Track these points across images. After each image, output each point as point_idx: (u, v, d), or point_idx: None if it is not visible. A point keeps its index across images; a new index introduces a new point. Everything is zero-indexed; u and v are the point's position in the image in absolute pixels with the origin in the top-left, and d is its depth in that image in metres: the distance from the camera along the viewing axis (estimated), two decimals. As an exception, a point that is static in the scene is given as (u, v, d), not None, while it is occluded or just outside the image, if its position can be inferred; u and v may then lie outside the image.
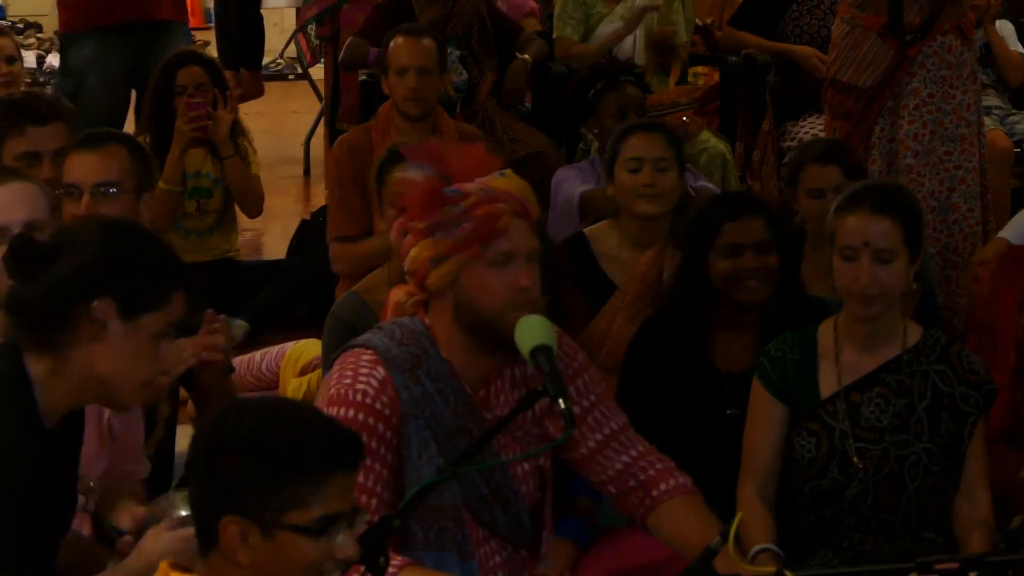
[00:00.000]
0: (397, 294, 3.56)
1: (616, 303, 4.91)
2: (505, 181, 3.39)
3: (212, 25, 10.83)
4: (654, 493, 3.56)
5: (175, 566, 2.67)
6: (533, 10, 7.95)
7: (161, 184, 6.46)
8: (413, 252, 3.37)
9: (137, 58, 7.15)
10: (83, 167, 4.28)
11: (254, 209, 6.82)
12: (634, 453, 3.58)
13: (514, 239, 3.35)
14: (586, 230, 5.25)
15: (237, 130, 6.74)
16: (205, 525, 2.57)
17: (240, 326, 6.53)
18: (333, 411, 3.33)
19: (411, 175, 3.38)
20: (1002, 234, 5.28)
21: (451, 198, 3.33)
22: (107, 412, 3.75)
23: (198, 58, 6.73)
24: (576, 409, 3.53)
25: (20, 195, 3.73)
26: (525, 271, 3.36)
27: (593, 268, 5.08)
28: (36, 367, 3.02)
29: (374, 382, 3.36)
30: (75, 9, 7.21)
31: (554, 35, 7.28)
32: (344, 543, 2.57)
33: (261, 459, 2.53)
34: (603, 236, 5.17)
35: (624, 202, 5.09)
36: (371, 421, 3.32)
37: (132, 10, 7.13)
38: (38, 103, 4.83)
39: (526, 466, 3.52)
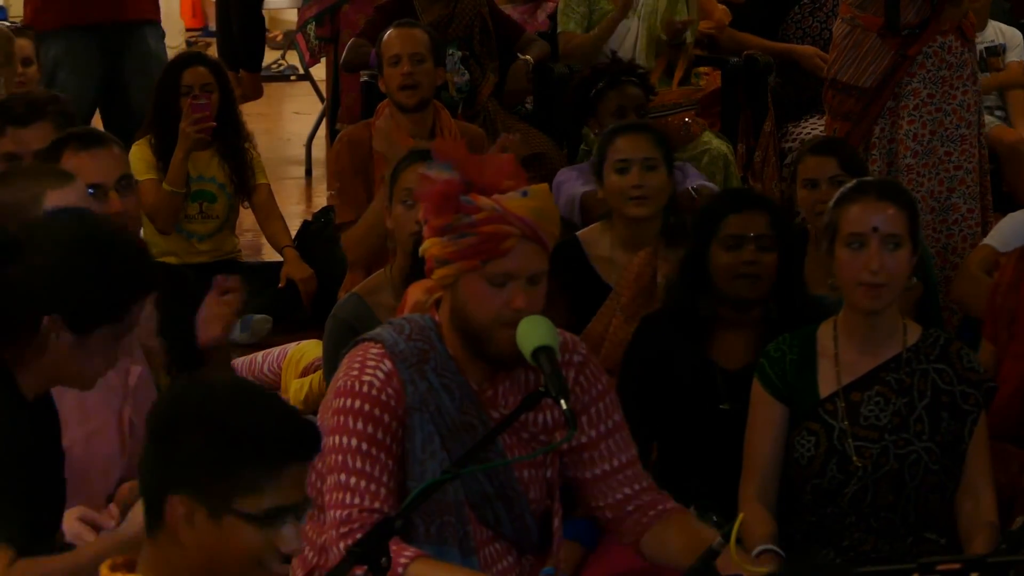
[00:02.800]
0: (416, 293, 3.58)
1: (612, 305, 4.92)
2: (523, 203, 3.36)
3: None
4: (651, 513, 3.57)
5: (116, 567, 2.66)
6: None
7: (165, 186, 6.46)
8: (427, 243, 3.40)
9: (108, 57, 7.11)
10: (101, 166, 4.18)
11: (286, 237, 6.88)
12: (637, 487, 3.59)
13: (516, 261, 3.35)
14: (579, 233, 5.25)
15: (243, 135, 6.74)
16: (154, 500, 2.55)
17: (264, 320, 6.54)
18: (340, 402, 3.37)
19: (434, 172, 3.39)
20: (987, 241, 5.27)
21: (463, 207, 3.34)
22: (128, 411, 3.76)
23: (204, 59, 6.72)
24: (593, 433, 3.56)
25: (85, 193, 3.76)
26: (522, 293, 3.36)
27: (587, 271, 5.09)
28: (5, 354, 3.04)
29: (380, 374, 3.39)
30: (45, 8, 7.18)
31: (558, 29, 7.28)
32: (289, 536, 2.54)
33: (222, 440, 2.50)
34: (596, 238, 5.17)
35: (614, 204, 5.09)
36: (377, 412, 3.36)
37: (103, 10, 7.10)
38: (17, 103, 4.83)
39: (531, 472, 3.53)
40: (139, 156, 6.53)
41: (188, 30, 13.65)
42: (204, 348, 4.20)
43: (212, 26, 13.25)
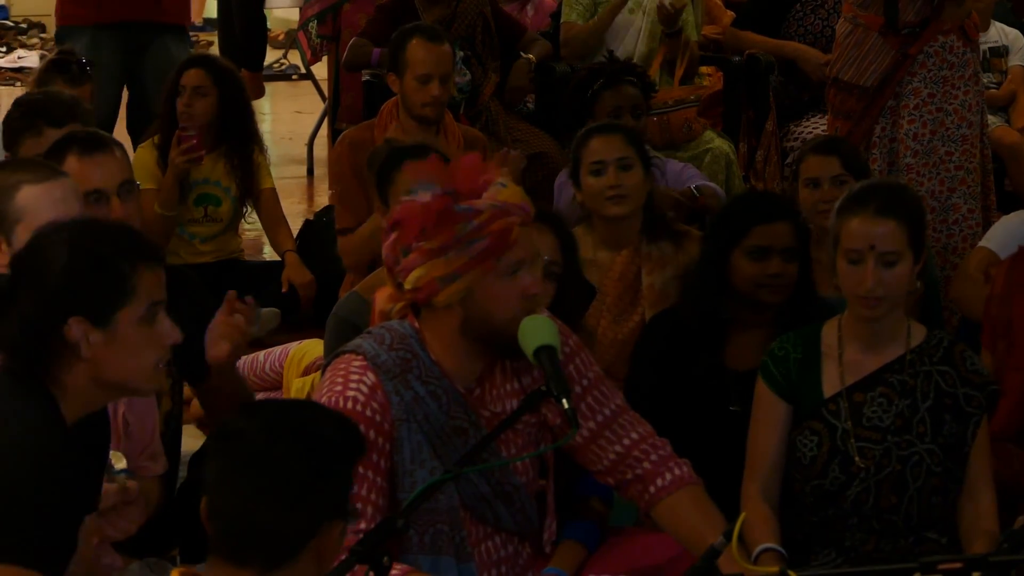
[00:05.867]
0: (381, 302, 3.56)
1: (598, 306, 4.92)
2: (510, 192, 3.39)
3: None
4: (652, 489, 3.58)
5: (184, 575, 2.68)
6: None
7: (156, 208, 6.44)
8: (419, 272, 3.35)
9: (131, 56, 7.13)
10: (104, 172, 4.17)
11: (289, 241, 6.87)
12: (627, 442, 3.59)
13: (523, 248, 3.38)
14: None
15: (252, 138, 6.73)
16: (297, 537, 2.58)
17: (272, 312, 6.54)
18: None
19: (420, 198, 3.36)
20: (983, 243, 5.25)
21: (464, 215, 3.33)
22: (121, 408, 3.75)
23: (205, 61, 6.68)
24: (592, 424, 3.56)
25: (72, 192, 3.73)
26: (532, 277, 3.38)
27: None
28: (48, 382, 3.02)
29: (364, 388, 3.38)
30: (75, 4, 7.20)
31: (561, 19, 7.26)
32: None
33: (351, 460, 2.65)
34: (578, 241, 5.15)
35: (593, 206, 5.07)
36: (362, 429, 3.30)
37: (132, 11, 7.12)
38: (54, 104, 4.82)
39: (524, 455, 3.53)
40: (141, 162, 6.49)
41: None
42: (211, 366, 4.17)
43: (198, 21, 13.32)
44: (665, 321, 4.47)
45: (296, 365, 5.82)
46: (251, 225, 7.33)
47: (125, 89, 7.37)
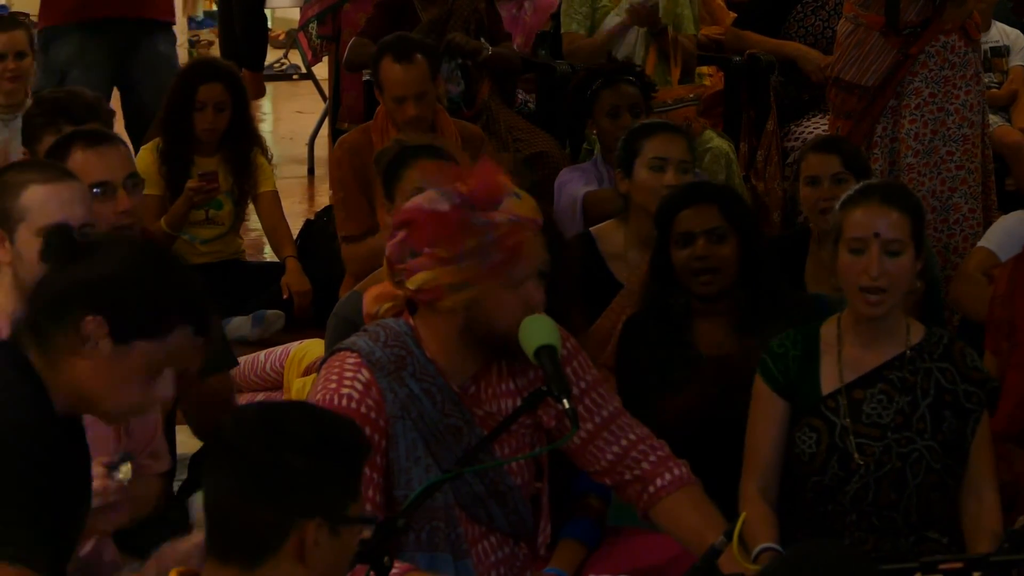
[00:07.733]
0: (368, 304, 3.56)
1: (621, 302, 4.92)
2: (525, 203, 3.39)
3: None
4: (651, 489, 3.58)
5: (184, 575, 2.68)
6: None
7: (163, 226, 6.45)
8: (427, 275, 3.35)
9: (119, 56, 7.12)
10: (109, 164, 4.16)
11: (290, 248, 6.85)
12: (625, 443, 3.59)
13: (531, 259, 3.38)
14: (592, 229, 5.25)
15: (253, 142, 6.73)
16: (269, 533, 2.56)
17: (276, 315, 6.54)
18: None
19: (436, 204, 3.36)
20: (983, 243, 5.25)
21: (483, 228, 3.32)
22: None
23: (219, 72, 6.64)
24: (590, 426, 3.55)
25: (81, 195, 3.71)
26: (536, 287, 3.39)
27: (599, 267, 5.08)
28: (36, 362, 2.97)
29: (359, 385, 3.37)
30: (57, 3, 7.18)
31: (561, 30, 7.27)
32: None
33: (331, 457, 2.58)
34: (609, 235, 5.17)
35: (643, 200, 5.07)
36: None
37: (116, 6, 7.10)
38: (76, 103, 4.83)
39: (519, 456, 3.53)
40: (143, 166, 6.48)
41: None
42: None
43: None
44: (635, 324, 4.50)
45: (297, 365, 5.82)
46: (253, 225, 7.33)
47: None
